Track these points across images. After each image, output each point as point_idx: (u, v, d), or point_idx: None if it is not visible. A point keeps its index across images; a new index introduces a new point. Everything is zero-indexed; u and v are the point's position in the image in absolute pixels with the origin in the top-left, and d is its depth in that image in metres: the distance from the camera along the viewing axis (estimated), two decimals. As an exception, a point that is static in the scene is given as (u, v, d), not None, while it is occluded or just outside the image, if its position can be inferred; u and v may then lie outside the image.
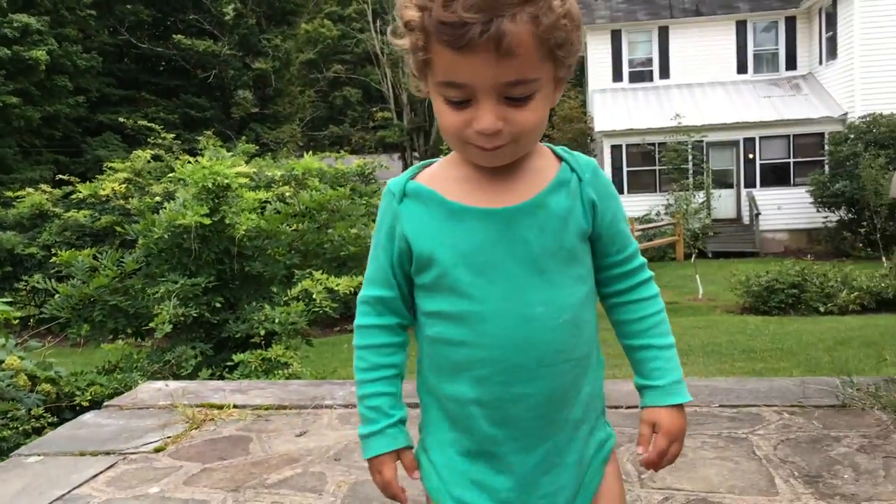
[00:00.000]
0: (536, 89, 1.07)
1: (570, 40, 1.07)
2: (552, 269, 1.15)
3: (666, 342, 1.24)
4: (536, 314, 1.14)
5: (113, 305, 5.34)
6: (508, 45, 0.99)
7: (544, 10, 1.02)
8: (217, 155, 8.99)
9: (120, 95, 31.55)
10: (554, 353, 1.15)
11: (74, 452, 2.62)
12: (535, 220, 1.14)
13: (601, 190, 1.21)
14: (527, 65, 1.03)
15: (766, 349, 9.51)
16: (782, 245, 21.63)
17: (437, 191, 1.18)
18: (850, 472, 2.11)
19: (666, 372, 1.22)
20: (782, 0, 23.61)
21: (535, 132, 1.12)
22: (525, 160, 1.17)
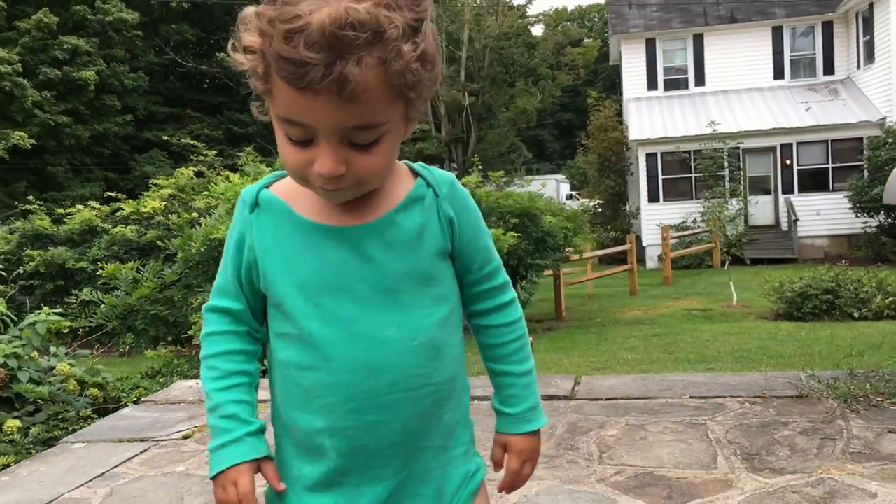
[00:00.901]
0: (384, 132, 1.00)
1: (422, 81, 0.98)
2: (405, 289, 1.10)
3: (523, 369, 1.22)
4: (388, 337, 1.08)
5: (154, 314, 5.74)
6: (353, 90, 0.91)
7: (394, 55, 0.93)
8: (255, 171, 9.43)
9: (166, 113, 32.54)
10: (409, 378, 1.09)
11: (114, 440, 2.99)
12: (384, 239, 1.09)
13: (459, 204, 1.15)
14: (373, 110, 0.95)
15: (796, 354, 9.56)
16: (822, 251, 21.48)
17: (290, 203, 1.12)
18: (786, 451, 2.37)
19: (520, 399, 1.21)
20: (819, 5, 23.52)
21: (380, 174, 1.05)
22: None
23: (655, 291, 17.20)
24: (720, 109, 22.91)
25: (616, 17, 25.07)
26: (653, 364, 9.61)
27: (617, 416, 2.84)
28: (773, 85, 23.67)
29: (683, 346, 10.75)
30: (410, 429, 1.11)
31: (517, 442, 1.21)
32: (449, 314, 1.14)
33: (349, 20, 0.90)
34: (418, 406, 1.11)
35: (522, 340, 1.22)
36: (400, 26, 0.93)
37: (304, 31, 0.90)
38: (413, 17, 0.95)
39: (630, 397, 3.05)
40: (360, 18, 0.90)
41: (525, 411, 1.21)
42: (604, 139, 24.70)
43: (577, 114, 45.20)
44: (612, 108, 25.73)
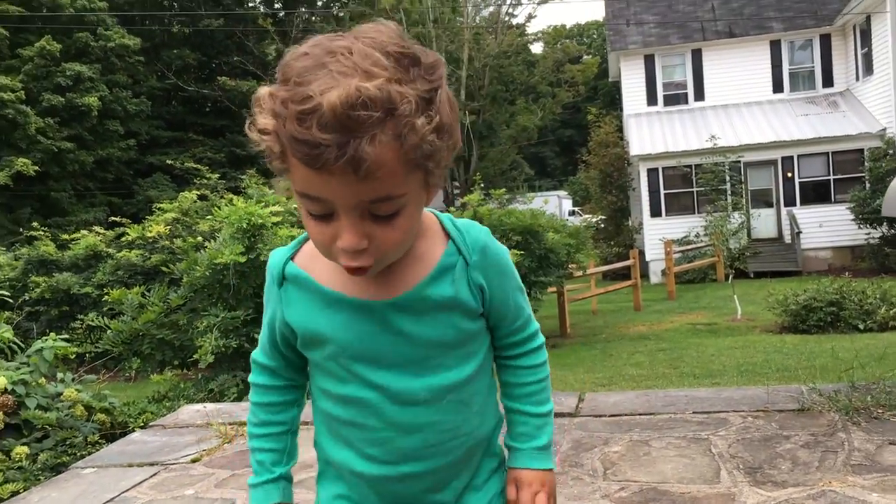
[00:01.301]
0: (403, 205, 0.99)
1: (439, 151, 0.98)
2: (436, 354, 1.14)
3: (539, 410, 1.24)
4: (419, 399, 1.14)
5: (160, 339, 5.77)
6: (368, 168, 0.91)
7: (407, 130, 0.93)
8: (258, 193, 9.49)
9: (169, 137, 32.74)
10: (440, 434, 1.16)
11: (123, 464, 3.02)
12: (414, 312, 1.11)
13: (489, 271, 1.15)
14: (390, 184, 0.95)
15: (801, 367, 9.56)
16: (826, 263, 21.49)
17: (313, 275, 1.14)
18: (788, 464, 2.40)
19: (530, 438, 1.24)
20: (816, 18, 23.66)
21: (403, 245, 1.05)
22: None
23: (660, 306, 17.21)
24: (720, 123, 23.01)
25: (614, 34, 25.23)
26: (658, 379, 9.62)
27: (621, 433, 2.86)
28: (773, 98, 23.78)
29: (689, 361, 10.75)
30: (441, 475, 1.19)
31: (526, 475, 1.23)
32: (479, 367, 1.19)
33: (360, 99, 0.89)
34: (450, 457, 1.18)
35: (543, 384, 1.25)
36: (413, 101, 0.93)
37: (316, 113, 0.90)
38: (426, 89, 0.96)
39: (634, 413, 3.08)
40: (371, 96, 0.90)
41: (534, 449, 1.24)
42: (605, 155, 24.80)
43: (577, 130, 45.36)
44: (613, 123, 25.84)
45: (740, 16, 24.38)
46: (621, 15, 25.44)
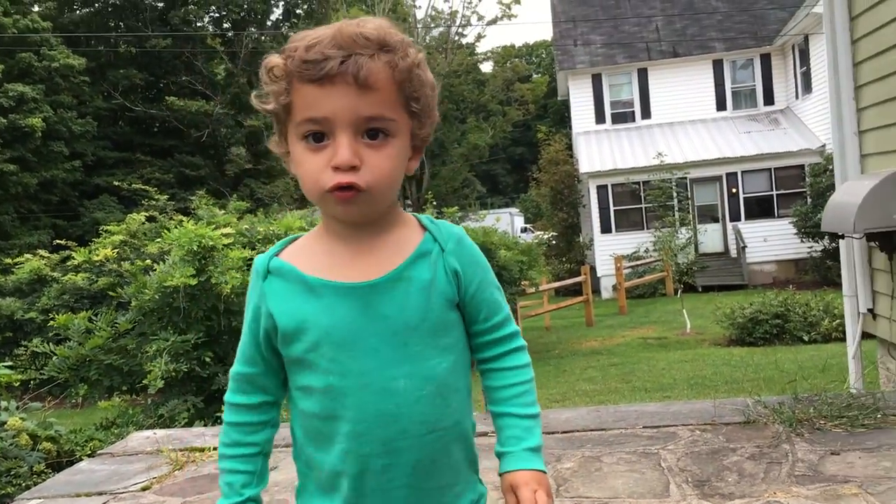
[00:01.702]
0: (393, 132, 1.12)
1: (424, 95, 1.15)
2: (415, 341, 1.16)
3: (526, 412, 1.23)
4: (398, 388, 1.16)
5: (108, 364, 5.65)
6: (365, 76, 1.07)
7: (400, 56, 1.10)
8: (209, 214, 9.39)
9: (115, 158, 32.17)
10: (418, 425, 1.17)
11: (71, 494, 2.96)
12: (395, 294, 1.16)
13: (465, 259, 1.20)
14: (384, 101, 1.10)
15: (748, 379, 9.75)
16: (770, 276, 22.00)
17: (298, 266, 1.20)
18: (735, 476, 2.46)
19: (521, 440, 1.22)
20: (756, 38, 24.35)
21: (387, 182, 1.14)
22: (386, 231, 1.20)
23: (611, 321, 17.40)
24: (666, 141, 23.47)
25: (562, 54, 25.62)
26: (611, 394, 9.72)
27: (573, 449, 2.90)
28: (717, 116, 24.35)
29: (640, 375, 10.90)
30: (420, 471, 1.19)
31: (522, 476, 1.21)
32: (457, 361, 1.21)
33: (359, 33, 1.10)
34: (427, 450, 1.19)
35: (529, 385, 1.25)
36: (404, 41, 1.13)
37: (323, 41, 1.09)
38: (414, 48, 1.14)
39: (586, 429, 3.12)
40: (367, 34, 1.10)
41: (524, 450, 1.22)
42: (555, 172, 25.09)
43: (528, 148, 45.80)
44: (563, 141, 26.19)
45: (683, 36, 24.96)
46: (569, 35, 25.85)
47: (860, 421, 2.86)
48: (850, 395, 3.14)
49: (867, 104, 5.27)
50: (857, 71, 5.36)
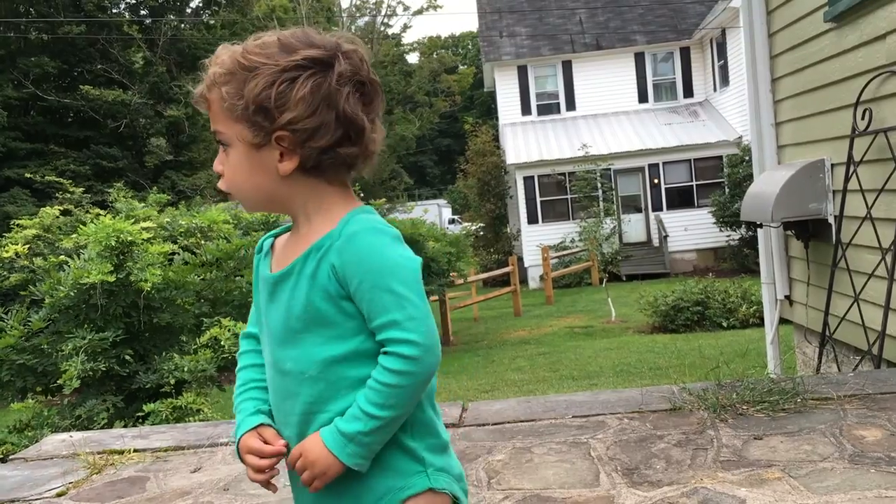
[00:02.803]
0: (227, 141, 1.29)
1: (235, 104, 1.25)
2: (300, 328, 1.26)
3: (364, 406, 1.22)
4: (287, 369, 1.29)
5: (21, 364, 5.42)
6: (203, 101, 1.31)
7: (215, 75, 1.27)
8: (128, 207, 9.09)
9: (27, 149, 30.87)
10: (304, 405, 1.27)
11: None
12: (288, 285, 1.28)
13: (347, 256, 1.23)
14: (214, 119, 1.30)
15: (672, 365, 9.98)
16: (691, 264, 22.59)
17: (273, 251, 1.38)
18: (663, 463, 2.48)
19: (342, 420, 1.24)
20: (676, 32, 24.90)
21: (235, 185, 1.32)
22: (310, 225, 1.31)
23: (539, 311, 17.60)
24: (591, 133, 23.82)
25: (488, 45, 25.72)
26: (539, 383, 9.82)
27: (504, 441, 2.90)
28: (639, 108, 24.83)
29: (567, 364, 11.05)
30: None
31: (310, 442, 1.25)
32: (346, 355, 1.25)
33: (210, 59, 1.32)
34: (311, 428, 1.27)
35: (379, 387, 1.21)
36: (225, 63, 1.27)
37: None
38: (240, 62, 1.26)
39: (517, 420, 3.12)
40: (211, 60, 1.31)
41: (335, 427, 1.23)
42: (482, 164, 25.21)
43: (455, 139, 45.92)
44: (489, 133, 26.32)
45: (606, 29, 25.35)
46: (494, 27, 25.97)
47: (781, 405, 2.92)
48: (770, 380, 3.21)
49: (784, 96, 5.42)
50: (774, 64, 5.51)
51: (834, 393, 3.01)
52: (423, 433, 1.31)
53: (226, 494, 2.67)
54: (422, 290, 1.25)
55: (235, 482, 2.77)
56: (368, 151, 1.32)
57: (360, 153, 1.30)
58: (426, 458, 1.30)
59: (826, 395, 3.00)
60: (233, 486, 2.74)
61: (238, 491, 2.69)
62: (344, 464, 1.23)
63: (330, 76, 1.25)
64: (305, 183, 1.29)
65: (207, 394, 5.78)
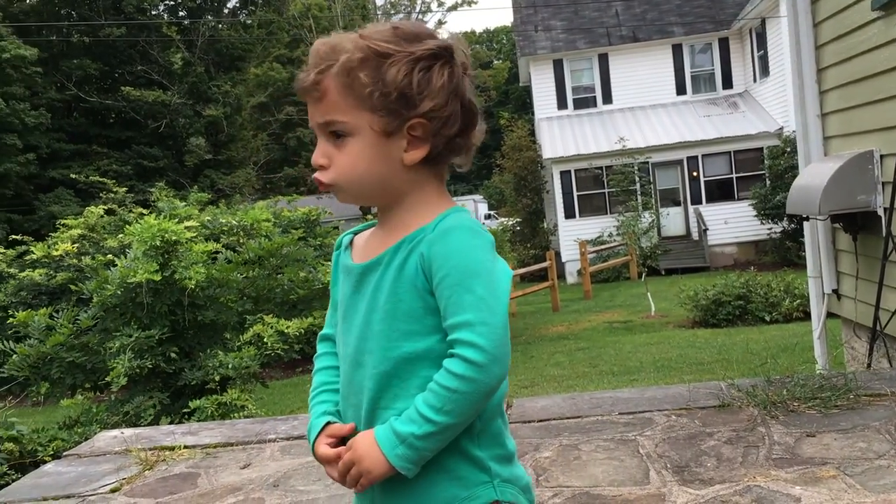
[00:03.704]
0: (349, 131, 1.24)
1: (375, 91, 1.22)
2: (380, 321, 1.24)
3: (422, 409, 1.18)
4: (363, 361, 1.26)
5: (70, 362, 5.53)
6: (314, 88, 1.24)
7: (343, 62, 1.22)
8: (170, 206, 9.22)
9: (71, 150, 31.48)
10: (372, 401, 1.25)
11: (38, 498, 2.87)
12: (375, 277, 1.26)
13: (438, 248, 1.21)
14: (332, 107, 1.24)
15: (714, 360, 9.86)
16: (731, 258, 22.28)
17: (354, 248, 1.37)
18: (713, 461, 2.46)
19: (397, 420, 1.20)
20: (714, 22, 24.55)
21: (350, 177, 1.26)
22: (401, 218, 1.29)
23: (577, 306, 17.49)
24: (628, 126, 23.60)
25: (523, 40, 25.60)
26: (579, 379, 9.76)
27: (550, 438, 2.89)
28: (677, 100, 24.53)
29: (607, 359, 10.97)
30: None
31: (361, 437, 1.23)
32: (421, 353, 1.23)
33: (315, 49, 1.26)
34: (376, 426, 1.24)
35: (441, 391, 1.17)
36: (357, 45, 1.24)
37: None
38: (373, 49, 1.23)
39: (562, 417, 3.11)
40: (319, 49, 1.26)
41: (389, 426, 1.20)
42: (518, 159, 25.09)
43: (491, 134, 45.60)
44: (525, 127, 26.18)
45: (643, 21, 25.08)
46: (529, 21, 25.83)
47: (833, 402, 2.88)
48: (821, 376, 3.16)
49: (830, 87, 5.31)
50: (820, 54, 5.40)
51: (887, 389, 2.96)
52: (490, 443, 1.27)
53: (275, 491, 2.70)
54: (505, 302, 1.21)
55: (284, 478, 2.80)
56: (472, 143, 1.33)
57: (470, 145, 1.32)
58: (492, 469, 1.26)
59: (879, 392, 2.95)
60: (282, 483, 2.77)
61: (287, 487, 2.72)
62: (391, 465, 1.19)
63: (455, 66, 1.26)
64: (418, 173, 1.29)
65: (251, 390, 5.85)
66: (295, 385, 10.97)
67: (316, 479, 2.74)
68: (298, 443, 3.19)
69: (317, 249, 9.59)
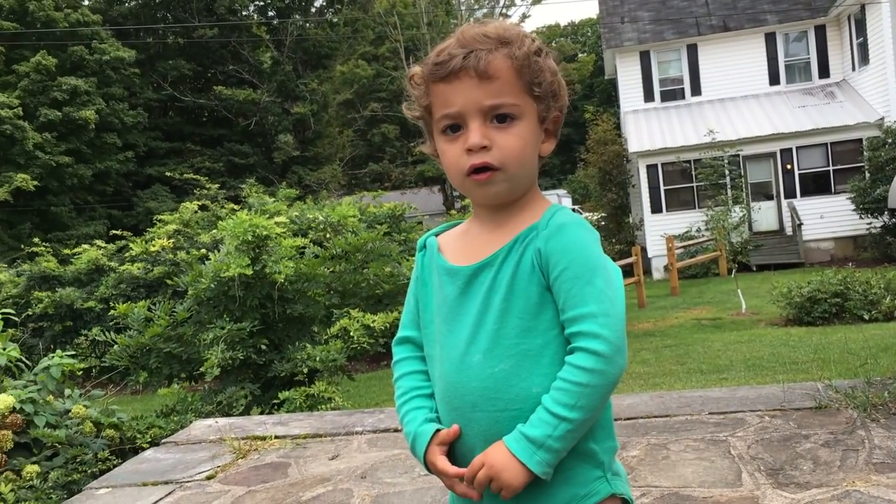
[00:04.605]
0: (518, 115, 1.23)
1: (545, 80, 1.25)
2: (497, 320, 1.22)
3: (552, 408, 1.17)
4: (473, 362, 1.23)
5: (167, 352, 5.74)
6: (485, 68, 1.20)
7: (517, 47, 1.22)
8: (259, 202, 9.47)
9: (167, 148, 32.70)
10: (486, 400, 1.22)
11: (138, 483, 3.00)
12: (488, 277, 1.25)
13: (555, 243, 1.21)
14: (505, 89, 1.22)
15: (809, 360, 9.52)
16: (828, 254, 21.47)
17: (442, 245, 1.36)
18: (810, 464, 2.37)
19: (526, 426, 1.19)
20: (810, 9, 23.65)
21: (518, 160, 1.24)
22: (511, 216, 1.28)
23: (663, 302, 17.16)
24: (718, 118, 22.98)
25: (609, 32, 25.21)
26: (665, 377, 9.57)
27: (638, 436, 2.84)
28: (770, 91, 23.74)
29: (695, 357, 10.72)
30: (492, 441, 1.22)
31: (495, 451, 1.19)
32: (544, 346, 1.22)
33: (480, 32, 1.23)
34: (497, 427, 1.22)
35: (570, 386, 1.16)
36: (521, 33, 1.25)
37: (449, 45, 1.24)
38: (533, 39, 1.26)
39: (650, 416, 3.06)
40: (486, 32, 1.23)
41: (520, 432, 1.18)
42: (603, 153, 24.76)
43: (575, 128, 45.33)
44: (610, 121, 25.81)
45: (734, 9, 24.37)
46: (615, 12, 25.43)
47: (939, 406, 2.74)
48: (926, 378, 3.02)
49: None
50: (925, 40, 5.14)
51: None
52: (603, 436, 1.27)
53: (363, 482, 2.75)
54: (622, 295, 1.23)
55: (372, 470, 2.85)
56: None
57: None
58: (605, 462, 1.27)
59: None
60: (370, 475, 2.81)
61: (375, 479, 2.76)
62: (532, 472, 1.17)
63: None
64: (537, 168, 1.32)
65: (338, 383, 5.95)
66: (380, 378, 11.11)
67: (402, 472, 2.77)
68: (385, 436, 3.24)
69: (401, 245, 9.69)
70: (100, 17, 31.01)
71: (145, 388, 8.49)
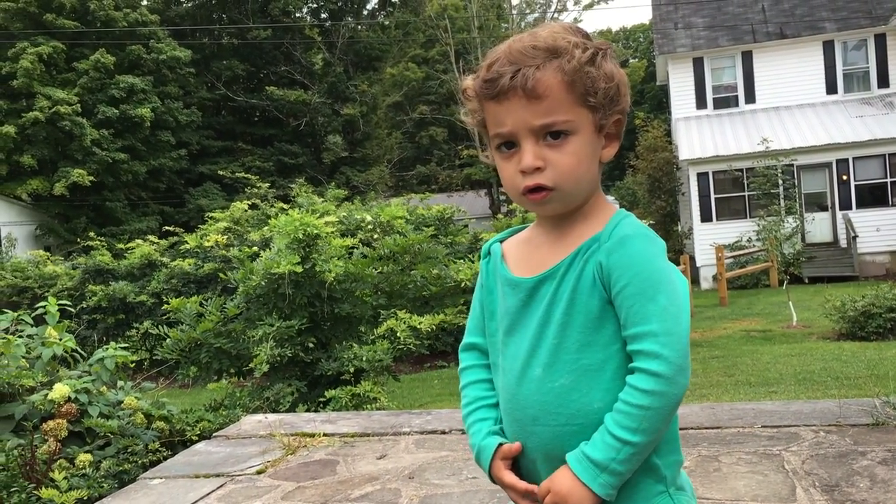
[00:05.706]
0: (572, 130, 1.20)
1: (598, 87, 1.20)
2: (558, 334, 1.21)
3: (614, 431, 1.16)
4: (534, 375, 1.23)
5: (217, 348, 5.83)
6: (533, 87, 1.16)
7: (567, 59, 1.18)
8: (308, 202, 9.58)
9: (218, 147, 33.24)
10: (547, 415, 1.21)
11: (190, 475, 3.06)
12: (549, 290, 1.23)
13: (617, 258, 1.19)
14: (556, 106, 1.18)
15: (862, 376, 9.31)
16: (883, 267, 20.95)
17: (506, 253, 1.34)
18: (867, 482, 2.32)
19: (589, 447, 1.18)
20: (871, 17, 23.12)
21: (574, 177, 1.21)
22: (575, 225, 1.26)
23: (711, 312, 16.91)
24: (772, 126, 22.59)
25: (662, 38, 24.95)
26: (713, 388, 9.43)
27: (689, 447, 2.81)
28: (826, 100, 23.27)
29: (743, 369, 10.55)
30: (552, 459, 1.22)
31: (560, 477, 1.19)
32: (605, 361, 1.20)
33: (528, 45, 1.19)
34: (558, 441, 1.21)
35: (632, 409, 1.15)
36: (573, 42, 1.20)
37: (499, 58, 1.20)
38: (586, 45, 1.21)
39: (700, 427, 3.02)
40: (536, 44, 1.19)
41: (582, 452, 1.17)
42: (653, 160, 24.51)
43: (624, 134, 44.90)
44: (661, 128, 25.53)
45: (791, 17, 23.94)
46: (669, 18, 25.16)
47: None
48: None
49: None
50: None
51: None
52: (667, 450, 1.25)
53: (411, 483, 2.76)
54: (687, 311, 1.19)
55: (419, 471, 2.86)
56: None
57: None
58: (668, 477, 1.25)
59: None
60: (417, 475, 2.83)
61: (423, 480, 2.77)
62: (597, 496, 1.16)
63: None
64: (598, 173, 1.29)
65: (384, 383, 5.99)
66: (423, 380, 11.14)
67: (450, 474, 2.78)
68: (432, 437, 3.25)
69: (448, 247, 9.71)
70: (157, 18, 31.69)
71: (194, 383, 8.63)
